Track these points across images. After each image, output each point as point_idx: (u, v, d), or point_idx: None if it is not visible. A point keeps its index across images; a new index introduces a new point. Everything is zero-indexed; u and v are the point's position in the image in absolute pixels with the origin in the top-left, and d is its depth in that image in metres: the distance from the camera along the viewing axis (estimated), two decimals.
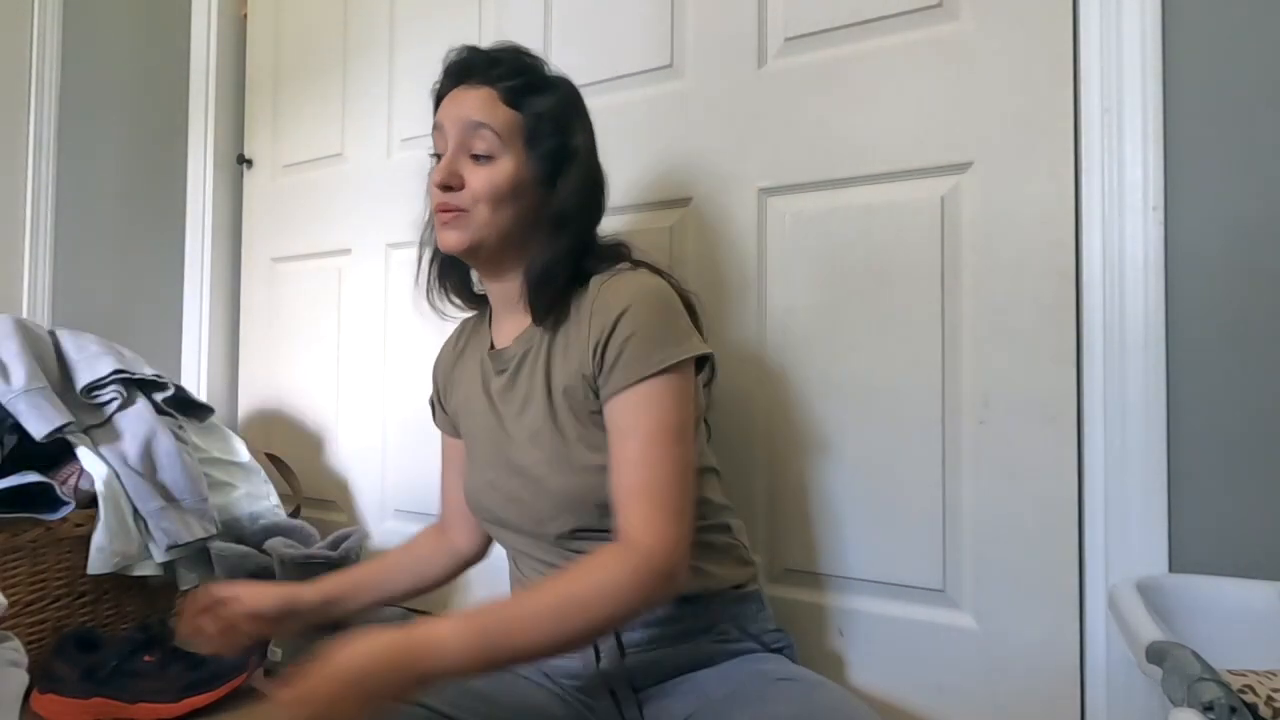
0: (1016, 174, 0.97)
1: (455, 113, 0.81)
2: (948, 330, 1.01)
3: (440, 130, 0.83)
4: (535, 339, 0.84)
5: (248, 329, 1.91)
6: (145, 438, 1.24)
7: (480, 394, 0.89)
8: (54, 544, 1.14)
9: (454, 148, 0.81)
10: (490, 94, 0.81)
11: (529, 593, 0.73)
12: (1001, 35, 0.98)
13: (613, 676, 0.79)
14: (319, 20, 1.78)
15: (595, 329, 0.77)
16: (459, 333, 1.00)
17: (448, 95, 0.84)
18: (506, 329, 0.88)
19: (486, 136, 0.80)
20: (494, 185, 0.79)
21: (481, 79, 0.82)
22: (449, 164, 0.80)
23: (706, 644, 0.80)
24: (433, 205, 0.83)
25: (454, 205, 0.79)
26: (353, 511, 1.67)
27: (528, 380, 0.83)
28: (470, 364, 0.93)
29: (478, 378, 0.90)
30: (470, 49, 0.85)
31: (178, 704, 1.07)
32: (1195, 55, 0.90)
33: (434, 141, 0.84)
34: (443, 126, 0.82)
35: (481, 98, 0.81)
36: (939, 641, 1.01)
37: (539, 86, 0.83)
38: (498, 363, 0.87)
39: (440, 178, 0.80)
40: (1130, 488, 0.91)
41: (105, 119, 1.77)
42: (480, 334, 0.93)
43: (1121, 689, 0.90)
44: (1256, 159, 0.87)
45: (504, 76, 0.82)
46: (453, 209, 0.80)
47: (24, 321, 1.27)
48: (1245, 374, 0.87)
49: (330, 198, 1.74)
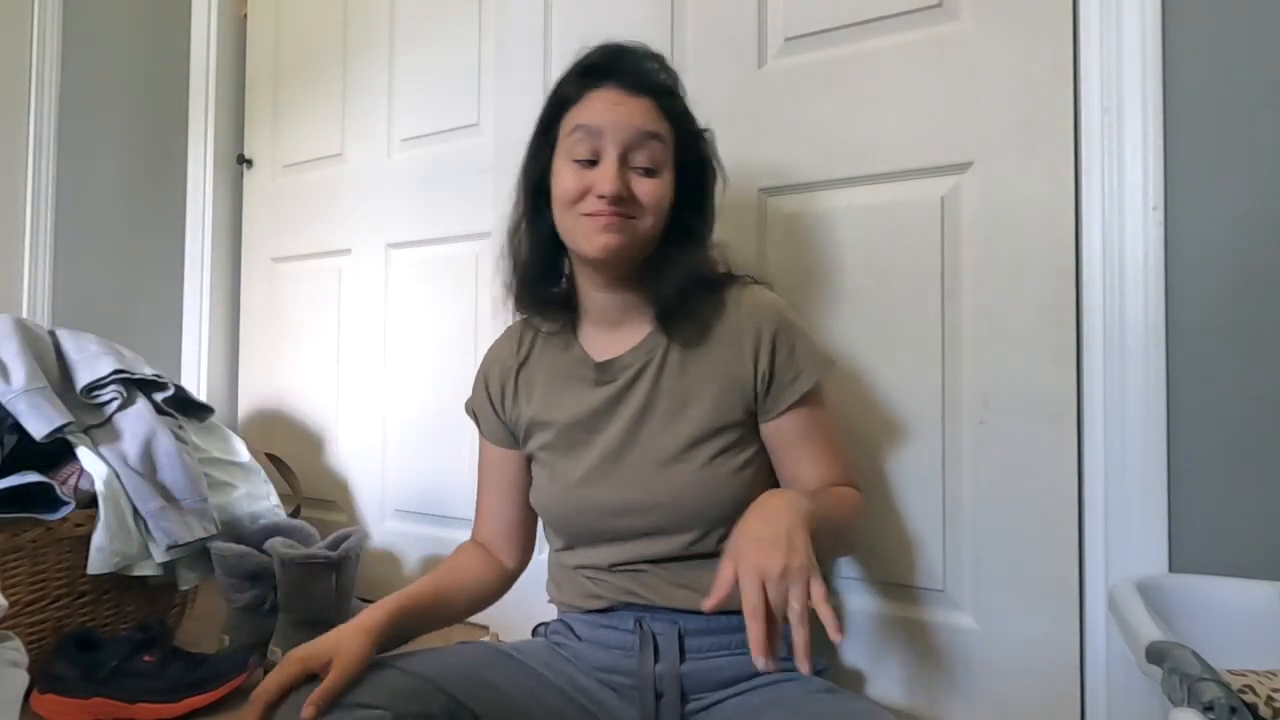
0: (1016, 174, 0.97)
1: (623, 120, 0.77)
2: (948, 330, 1.01)
3: (597, 134, 0.77)
4: (656, 350, 0.83)
5: (248, 329, 1.91)
6: (145, 438, 1.24)
7: (574, 404, 0.85)
8: (54, 544, 1.14)
9: (618, 156, 0.77)
10: (652, 106, 0.79)
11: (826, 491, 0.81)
12: (1001, 35, 0.98)
13: (665, 678, 0.79)
14: (319, 20, 1.78)
15: (749, 343, 0.82)
16: (515, 340, 0.93)
17: (596, 95, 0.79)
18: (607, 340, 0.86)
19: (655, 149, 0.78)
20: (659, 199, 0.79)
21: (639, 86, 0.79)
22: (619, 174, 0.76)
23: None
24: (577, 208, 0.78)
25: (621, 212, 0.77)
26: (353, 511, 1.67)
27: (648, 391, 0.82)
28: (548, 373, 0.89)
29: (568, 387, 0.87)
30: (623, 49, 0.81)
31: (178, 704, 1.07)
32: (1195, 55, 0.90)
33: (572, 140, 0.78)
34: (602, 131, 0.77)
35: (646, 109, 0.78)
36: (939, 641, 1.01)
37: (684, 100, 0.84)
38: (605, 373, 0.85)
39: (613, 188, 0.76)
40: (1130, 488, 0.91)
41: (105, 119, 1.77)
42: (555, 342, 0.90)
43: (1121, 689, 0.90)
44: (1256, 159, 0.87)
45: (661, 89, 0.80)
46: (621, 214, 0.77)
47: (24, 321, 1.27)
48: (1245, 374, 0.87)
49: (330, 198, 1.74)
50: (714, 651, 0.80)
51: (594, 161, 0.78)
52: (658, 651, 0.80)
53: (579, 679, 0.81)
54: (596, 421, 0.84)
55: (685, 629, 0.80)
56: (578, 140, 0.78)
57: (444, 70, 1.57)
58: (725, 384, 0.82)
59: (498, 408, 0.92)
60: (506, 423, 0.92)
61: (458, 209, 1.53)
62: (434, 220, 1.57)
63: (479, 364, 0.97)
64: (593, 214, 0.77)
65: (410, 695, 0.68)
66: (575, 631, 0.85)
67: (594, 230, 0.77)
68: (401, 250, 1.63)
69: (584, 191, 0.78)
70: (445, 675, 0.72)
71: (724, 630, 0.80)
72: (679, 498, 0.80)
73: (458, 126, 1.54)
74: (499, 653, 0.81)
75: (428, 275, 1.58)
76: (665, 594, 0.80)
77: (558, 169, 0.80)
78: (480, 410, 0.94)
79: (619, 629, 0.82)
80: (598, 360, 0.85)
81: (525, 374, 0.91)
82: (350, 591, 1.29)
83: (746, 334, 0.82)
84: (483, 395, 0.94)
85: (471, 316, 1.50)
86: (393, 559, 1.60)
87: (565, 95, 0.81)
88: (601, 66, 0.80)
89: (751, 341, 0.82)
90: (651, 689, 0.79)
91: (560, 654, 0.84)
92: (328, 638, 0.71)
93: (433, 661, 0.74)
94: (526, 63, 1.35)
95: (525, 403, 0.90)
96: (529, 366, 0.91)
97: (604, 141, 0.77)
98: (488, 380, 0.94)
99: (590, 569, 0.85)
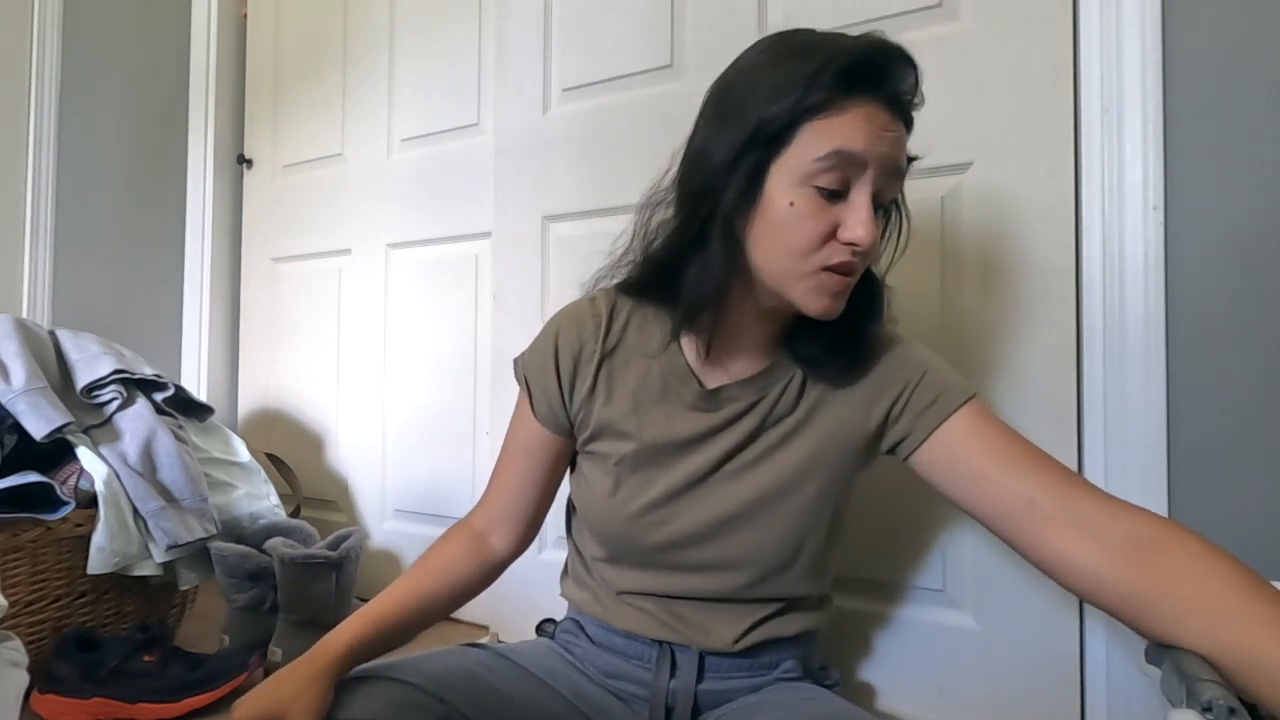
0: (1016, 174, 0.97)
1: (887, 153, 0.61)
2: (948, 330, 1.01)
3: (859, 166, 0.61)
4: (771, 387, 0.74)
5: (248, 329, 1.91)
6: (145, 438, 1.24)
7: (665, 424, 0.75)
8: (54, 544, 1.14)
9: (872, 195, 0.62)
10: (905, 138, 0.64)
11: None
12: (1001, 35, 0.98)
13: (679, 695, 0.76)
14: (319, 20, 1.78)
15: (892, 389, 0.72)
16: (602, 317, 0.78)
17: (860, 111, 0.60)
18: (716, 359, 0.75)
19: (896, 190, 0.65)
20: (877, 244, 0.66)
21: (901, 108, 0.63)
22: (875, 220, 0.62)
23: (774, 679, 0.79)
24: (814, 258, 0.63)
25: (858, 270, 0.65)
26: (353, 511, 1.67)
27: (752, 429, 0.74)
28: (638, 377, 0.77)
29: (661, 402, 0.76)
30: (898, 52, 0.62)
31: (178, 704, 1.07)
32: (1195, 55, 0.90)
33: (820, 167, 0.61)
34: (866, 163, 0.61)
35: (903, 142, 0.63)
36: (939, 641, 1.01)
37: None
38: (709, 401, 0.75)
39: (870, 235, 0.61)
40: (1130, 487, 0.91)
41: (105, 119, 1.78)
42: (650, 335, 0.77)
43: (1121, 689, 0.91)
44: (1256, 159, 0.87)
45: (911, 116, 0.65)
46: (856, 273, 0.65)
47: (24, 321, 1.27)
48: (1245, 373, 0.87)
49: (330, 198, 1.74)
50: (733, 674, 0.78)
51: (838, 193, 0.62)
52: (675, 668, 0.77)
53: (582, 685, 0.79)
54: (686, 449, 0.75)
55: (708, 651, 0.77)
56: (828, 167, 0.61)
57: (444, 70, 1.57)
58: (846, 432, 0.74)
59: (565, 392, 0.78)
60: (569, 409, 0.79)
61: (458, 209, 1.53)
62: (434, 220, 1.57)
63: (547, 323, 0.81)
64: (836, 269, 0.63)
65: (407, 706, 0.64)
66: (588, 633, 0.82)
67: (829, 289, 0.64)
68: (401, 250, 1.63)
69: (825, 236, 0.62)
70: (443, 682, 0.68)
71: (746, 656, 0.78)
72: (761, 543, 0.74)
73: (458, 126, 1.55)
74: (499, 656, 0.78)
75: (428, 275, 1.58)
76: (704, 629, 0.77)
77: (791, 199, 0.62)
78: (539, 384, 0.79)
79: (638, 641, 0.78)
80: (708, 387, 0.75)
81: (609, 366, 0.77)
82: (350, 591, 1.29)
83: (894, 383, 0.72)
84: (550, 370, 0.78)
85: (471, 316, 1.50)
86: (393, 559, 1.60)
87: (811, 97, 0.60)
88: (870, 73, 0.61)
89: (897, 386, 0.72)
90: (664, 705, 0.77)
91: (565, 657, 0.81)
92: (278, 691, 0.63)
93: (430, 667, 0.69)
94: (526, 63, 1.35)
95: (602, 400, 0.77)
96: (615, 358, 0.77)
97: (862, 175, 0.61)
98: (559, 355, 0.78)
99: (632, 595, 0.79)
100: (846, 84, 0.60)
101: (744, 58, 0.67)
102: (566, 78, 1.31)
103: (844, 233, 0.62)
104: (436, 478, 1.54)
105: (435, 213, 1.57)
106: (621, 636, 0.79)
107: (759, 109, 0.62)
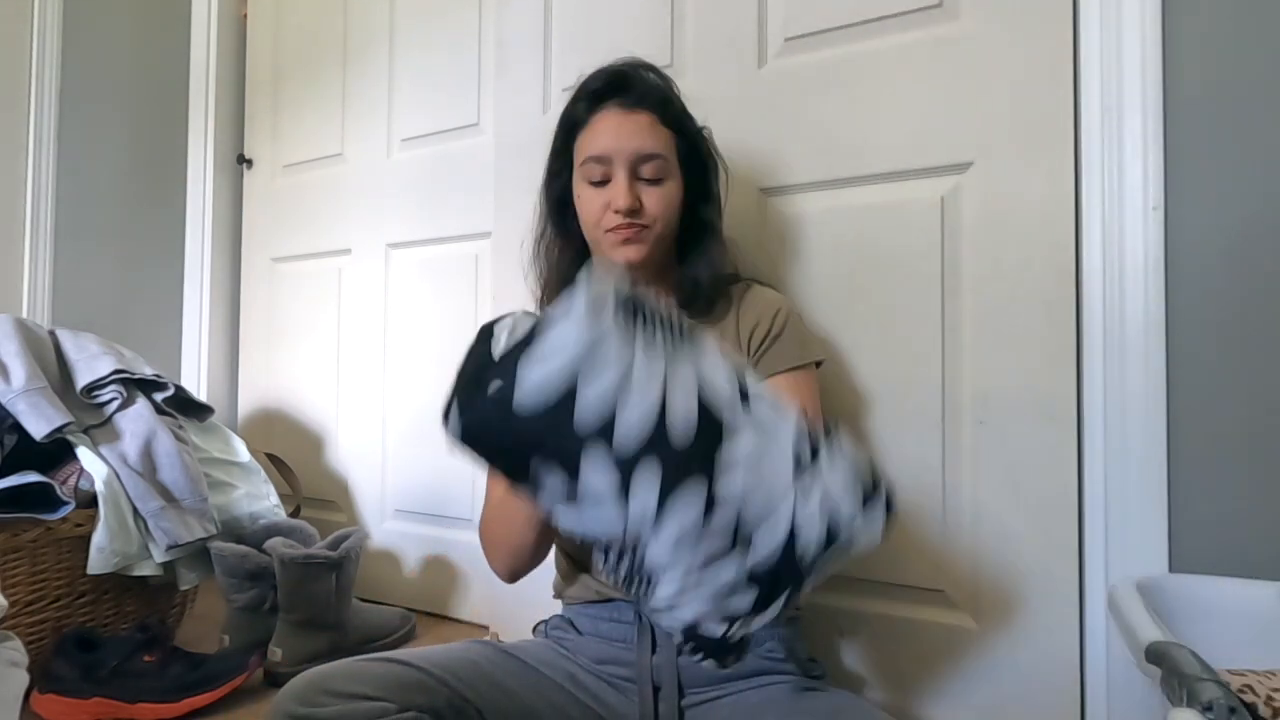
0: (1016, 174, 0.97)
1: (626, 140, 0.85)
2: (948, 330, 1.01)
3: (604, 162, 0.86)
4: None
5: (248, 329, 1.91)
6: (145, 438, 1.24)
7: None
8: (54, 544, 1.14)
9: (627, 175, 0.85)
10: (652, 119, 0.87)
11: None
12: (1001, 35, 0.98)
13: (662, 670, 0.81)
14: (319, 20, 1.78)
15: (747, 322, 0.90)
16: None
17: (599, 118, 0.87)
18: None
19: (658, 164, 0.86)
20: (669, 205, 0.88)
21: (639, 102, 0.87)
22: (630, 190, 0.85)
23: (753, 659, 0.81)
24: (601, 225, 0.86)
25: (636, 224, 0.85)
26: (353, 511, 1.67)
27: None
28: None
29: None
30: (621, 72, 0.88)
31: (178, 704, 1.07)
32: (1195, 55, 0.90)
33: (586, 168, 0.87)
34: (610, 157, 0.86)
35: (644, 124, 0.86)
36: (939, 641, 1.01)
37: (681, 104, 0.91)
38: None
39: (626, 202, 0.84)
40: (1130, 487, 0.91)
41: (105, 119, 1.77)
42: None
43: (1121, 689, 0.90)
44: (1256, 159, 0.87)
45: (659, 101, 0.88)
46: (635, 226, 0.85)
47: (24, 321, 1.27)
48: (1245, 374, 0.87)
49: (330, 198, 1.74)
50: None
51: (607, 181, 0.86)
52: (655, 643, 0.82)
53: (578, 675, 0.83)
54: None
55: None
56: (590, 168, 0.87)
57: (444, 70, 1.57)
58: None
59: None
60: None
61: (458, 209, 1.53)
62: (434, 220, 1.57)
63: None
64: (614, 229, 0.86)
65: (414, 688, 0.70)
66: (576, 626, 0.88)
67: (616, 244, 0.87)
68: (401, 250, 1.63)
69: (603, 209, 0.86)
70: (449, 670, 0.74)
71: None
72: None
73: (458, 126, 1.54)
74: (500, 651, 0.83)
75: (428, 275, 1.58)
76: None
77: (578, 192, 0.90)
78: None
79: (619, 621, 0.85)
80: None
81: None
82: (350, 591, 1.29)
83: (748, 315, 0.90)
84: None
85: (471, 316, 1.50)
86: (393, 559, 1.60)
87: (574, 118, 0.90)
88: (603, 90, 0.88)
89: (753, 319, 0.90)
90: (649, 680, 0.81)
91: (559, 650, 0.86)
92: None
93: (436, 656, 0.76)
94: (526, 63, 1.35)
95: None
96: None
97: (613, 165, 0.86)
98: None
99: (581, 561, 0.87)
100: (590, 103, 0.88)
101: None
102: (566, 78, 1.31)
103: (610, 203, 0.85)
104: (436, 478, 1.54)
105: (435, 213, 1.57)
106: (605, 621, 0.85)
107: (557, 132, 0.92)
